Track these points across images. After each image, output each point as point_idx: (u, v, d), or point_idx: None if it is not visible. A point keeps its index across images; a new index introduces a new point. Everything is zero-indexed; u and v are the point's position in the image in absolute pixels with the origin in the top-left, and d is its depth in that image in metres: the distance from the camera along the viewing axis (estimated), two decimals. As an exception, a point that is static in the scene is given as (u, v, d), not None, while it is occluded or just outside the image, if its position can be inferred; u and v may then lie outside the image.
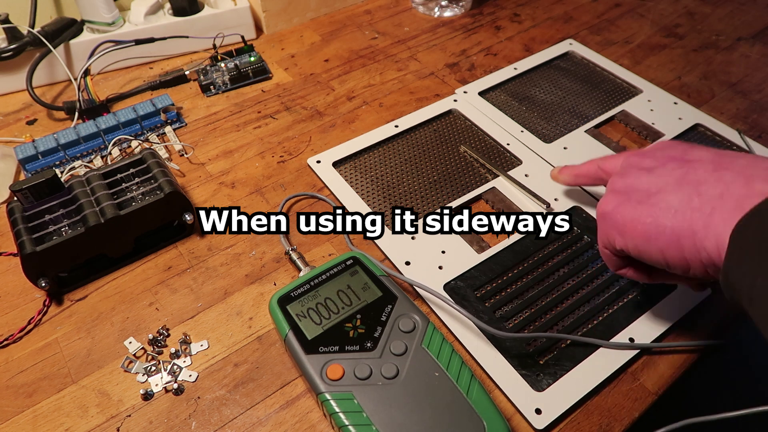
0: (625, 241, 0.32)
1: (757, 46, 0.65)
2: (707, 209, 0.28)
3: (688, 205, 0.29)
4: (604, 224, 0.34)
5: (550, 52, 0.65)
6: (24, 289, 0.44)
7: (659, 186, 0.31)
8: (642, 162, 0.34)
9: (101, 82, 0.63)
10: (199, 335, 0.40)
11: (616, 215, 0.33)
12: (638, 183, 0.33)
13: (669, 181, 0.31)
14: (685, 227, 0.29)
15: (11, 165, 0.53)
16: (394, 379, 0.33)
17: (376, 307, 0.37)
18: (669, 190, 0.30)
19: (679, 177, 0.31)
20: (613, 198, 0.34)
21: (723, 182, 0.28)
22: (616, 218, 0.33)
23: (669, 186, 0.31)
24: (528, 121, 0.56)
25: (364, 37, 0.69)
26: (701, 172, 0.30)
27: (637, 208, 0.31)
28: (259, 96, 0.61)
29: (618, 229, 0.33)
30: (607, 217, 0.34)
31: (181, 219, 0.45)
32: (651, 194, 0.31)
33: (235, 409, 0.36)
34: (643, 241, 0.31)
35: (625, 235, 0.32)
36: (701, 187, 0.29)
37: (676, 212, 0.29)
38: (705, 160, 0.31)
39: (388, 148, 0.54)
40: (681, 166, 0.31)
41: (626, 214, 0.32)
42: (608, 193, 0.35)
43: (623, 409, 0.36)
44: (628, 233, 0.32)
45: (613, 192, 0.34)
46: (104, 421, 0.36)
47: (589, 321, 0.40)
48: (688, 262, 0.29)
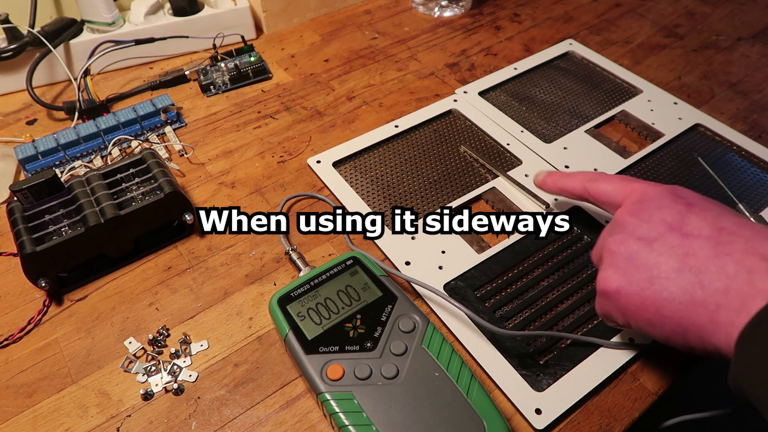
0: (628, 322, 0.32)
1: (757, 46, 0.65)
2: (711, 305, 0.28)
3: (691, 297, 0.29)
4: (606, 302, 0.33)
5: (550, 52, 0.65)
6: (24, 289, 0.44)
7: (659, 268, 0.30)
8: (638, 229, 0.32)
9: (101, 82, 0.63)
10: (199, 335, 0.40)
11: (620, 298, 0.32)
12: (638, 258, 0.32)
13: (669, 264, 0.30)
14: (690, 321, 0.29)
15: (11, 165, 0.53)
16: (394, 379, 0.33)
17: (376, 307, 0.37)
18: (670, 276, 0.30)
19: (679, 260, 0.30)
20: (614, 276, 0.32)
21: (725, 275, 0.28)
22: (619, 301, 0.32)
23: (670, 270, 0.30)
24: (528, 121, 0.56)
25: (364, 37, 0.69)
26: (701, 255, 0.29)
27: (640, 294, 0.31)
28: (259, 96, 0.61)
29: (620, 311, 0.32)
30: (609, 297, 0.33)
31: (181, 219, 0.45)
32: (652, 278, 0.30)
33: (235, 409, 0.36)
34: (646, 326, 0.31)
35: (627, 317, 0.32)
36: (703, 277, 0.29)
37: (680, 304, 0.29)
38: (703, 237, 0.30)
39: (388, 148, 0.54)
40: (680, 243, 0.30)
41: (629, 299, 0.31)
42: (608, 266, 0.33)
43: (623, 409, 0.36)
44: (631, 316, 0.32)
45: (613, 267, 0.33)
46: (104, 421, 0.36)
47: (590, 321, 0.40)
48: (692, 349, 0.30)
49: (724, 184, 0.48)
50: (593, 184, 0.38)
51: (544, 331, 0.39)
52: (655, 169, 0.51)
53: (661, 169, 0.51)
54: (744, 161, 0.51)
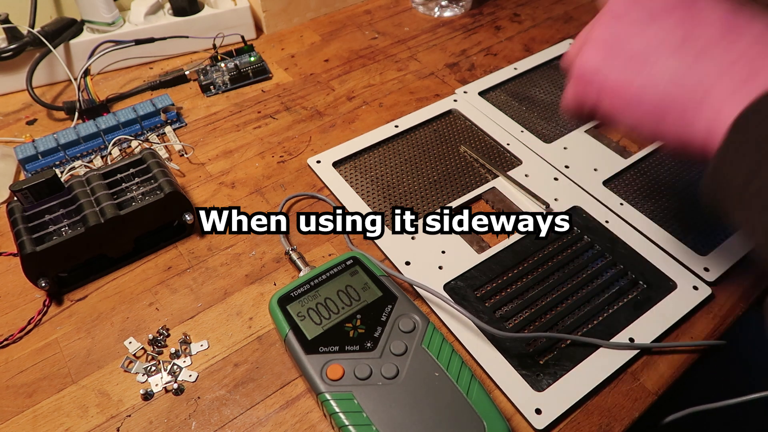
0: (601, 104, 0.29)
1: (757, 46, 0.65)
2: (705, 86, 0.25)
3: (683, 78, 0.26)
4: (581, 83, 0.29)
5: (550, 52, 0.65)
6: (24, 289, 0.44)
7: (657, 45, 0.27)
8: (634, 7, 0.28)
9: (101, 82, 0.63)
10: (199, 335, 0.40)
11: (599, 75, 0.28)
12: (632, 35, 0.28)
13: (670, 40, 0.27)
14: (672, 103, 0.26)
15: (11, 165, 0.53)
16: (394, 379, 0.33)
17: (376, 307, 0.37)
18: (668, 51, 0.26)
19: (681, 37, 0.26)
20: (597, 52, 0.29)
21: (728, 56, 0.25)
22: (597, 78, 0.28)
23: (669, 46, 0.27)
24: (528, 121, 0.56)
25: (364, 37, 0.69)
26: (708, 32, 0.26)
27: (624, 71, 0.27)
28: (259, 96, 0.61)
29: (596, 89, 0.29)
30: (585, 75, 0.29)
31: (181, 219, 0.45)
32: (646, 54, 0.27)
33: (235, 409, 0.36)
34: (621, 108, 0.28)
35: (602, 97, 0.29)
36: (705, 54, 0.25)
37: (669, 81, 0.26)
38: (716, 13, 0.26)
39: (388, 148, 0.54)
40: (686, 20, 0.27)
41: (612, 74, 0.28)
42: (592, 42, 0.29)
43: (623, 409, 0.36)
44: (606, 97, 0.28)
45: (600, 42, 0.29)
46: (104, 421, 0.36)
47: (589, 321, 0.40)
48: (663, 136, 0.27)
49: None
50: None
51: (543, 332, 0.39)
52: (655, 169, 0.51)
53: (661, 170, 0.51)
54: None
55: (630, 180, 0.50)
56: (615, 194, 0.48)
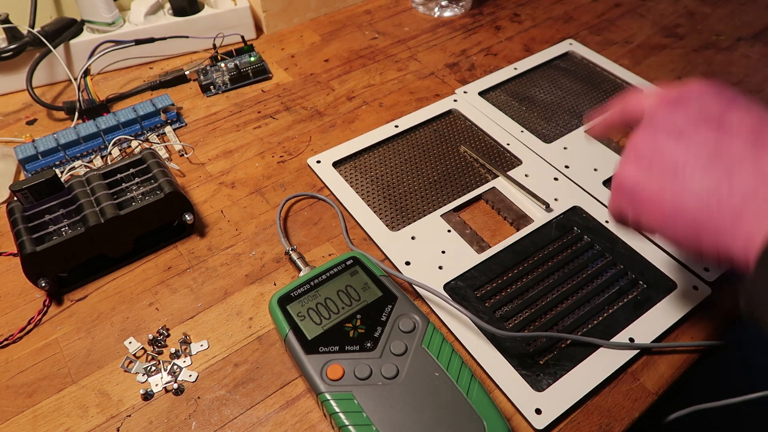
0: (640, 217, 0.30)
1: (757, 46, 0.65)
2: (737, 206, 0.25)
3: (716, 196, 0.26)
4: (620, 194, 0.31)
5: (550, 52, 0.65)
6: (24, 289, 0.44)
7: (687, 162, 0.28)
8: (672, 119, 0.29)
9: (101, 82, 0.63)
10: (199, 335, 0.40)
11: (636, 189, 0.29)
12: (664, 151, 0.29)
13: (699, 156, 0.27)
14: (708, 222, 0.26)
15: (11, 165, 0.53)
16: (394, 379, 0.33)
17: (376, 307, 0.37)
18: (698, 167, 0.27)
19: (711, 152, 0.27)
20: (633, 166, 0.30)
21: (759, 177, 0.25)
22: (635, 193, 0.29)
23: (699, 162, 0.27)
24: (528, 121, 0.56)
25: (364, 37, 0.69)
26: (737, 153, 0.26)
27: (659, 185, 0.28)
28: (259, 96, 0.61)
29: (634, 204, 0.30)
30: (625, 189, 0.30)
31: (181, 219, 0.45)
32: (677, 169, 0.28)
33: (235, 409, 0.36)
34: (659, 223, 0.29)
35: (641, 211, 0.30)
36: (734, 176, 0.26)
37: (700, 201, 0.27)
38: (744, 128, 0.27)
39: (388, 148, 0.54)
40: (715, 135, 0.27)
41: (647, 190, 0.29)
42: (629, 157, 0.30)
43: (623, 409, 0.36)
44: (645, 211, 0.29)
45: (636, 157, 0.30)
46: (104, 421, 0.36)
47: (589, 321, 0.40)
48: (702, 252, 0.27)
49: None
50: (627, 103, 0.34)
51: (543, 332, 0.39)
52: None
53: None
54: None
55: (630, 180, 0.50)
56: (615, 194, 0.48)
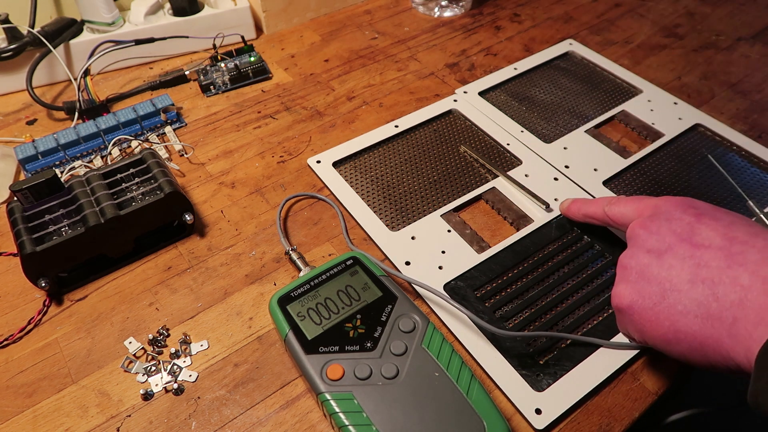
0: (645, 339, 0.32)
1: (757, 46, 0.65)
2: (728, 318, 0.27)
3: (706, 311, 0.28)
4: (622, 318, 0.33)
5: (550, 52, 0.65)
6: (24, 289, 0.44)
7: (671, 281, 0.30)
8: (648, 241, 0.32)
9: (101, 82, 0.63)
10: (199, 335, 0.40)
11: (633, 315, 0.32)
12: (649, 271, 0.31)
13: (681, 277, 0.30)
14: (707, 335, 0.28)
15: (11, 165, 0.53)
16: (394, 379, 0.33)
17: (376, 307, 0.37)
18: (683, 289, 0.29)
19: (691, 272, 0.30)
20: (625, 290, 0.32)
21: (739, 286, 0.28)
22: (633, 318, 0.32)
23: (682, 283, 0.30)
24: (528, 121, 0.56)
25: (364, 37, 0.69)
26: (714, 266, 0.29)
27: (653, 309, 0.30)
28: (259, 96, 0.61)
29: (636, 328, 0.32)
30: (624, 313, 0.33)
31: (181, 219, 0.45)
32: (664, 292, 0.30)
33: (235, 409, 0.36)
34: (663, 344, 0.30)
35: (644, 334, 0.32)
36: (717, 289, 0.28)
37: (695, 318, 0.29)
38: (715, 247, 0.30)
39: (388, 148, 0.54)
40: (691, 255, 0.30)
41: (642, 315, 0.31)
42: (620, 281, 0.33)
43: (623, 409, 0.36)
44: (647, 333, 0.31)
45: (625, 281, 0.33)
46: (104, 421, 0.36)
47: (589, 321, 0.40)
48: (712, 365, 0.29)
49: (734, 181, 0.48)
50: (611, 208, 0.39)
51: (543, 332, 0.39)
52: (655, 170, 0.51)
53: (661, 170, 0.51)
54: (744, 161, 0.51)
55: (630, 180, 0.50)
56: (615, 194, 0.48)
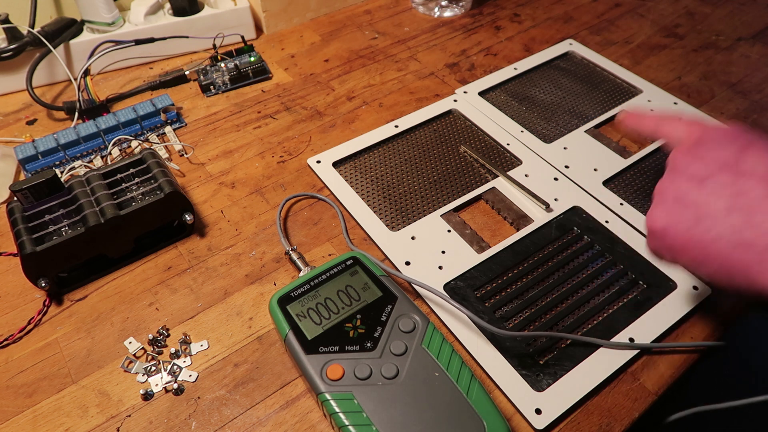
0: (675, 260, 0.32)
1: (757, 46, 0.65)
2: (761, 245, 0.27)
3: (739, 237, 0.28)
4: (654, 240, 0.33)
5: (550, 52, 0.65)
6: (24, 289, 0.44)
7: (708, 207, 0.30)
8: (690, 167, 0.32)
9: (101, 82, 0.63)
10: (199, 335, 0.40)
11: (666, 237, 0.32)
12: (687, 197, 0.31)
13: (718, 204, 0.30)
14: (736, 261, 0.28)
15: (11, 165, 0.53)
16: (394, 379, 0.33)
17: (376, 307, 0.37)
18: (718, 216, 0.29)
19: (729, 200, 0.29)
20: (661, 213, 0.32)
21: None
22: (665, 239, 0.32)
23: (718, 210, 0.29)
24: (528, 121, 0.56)
25: (364, 37, 0.69)
26: (754, 194, 0.29)
27: (686, 233, 0.30)
28: (259, 96, 0.61)
29: (667, 248, 0.32)
30: (656, 236, 0.33)
31: (181, 219, 0.45)
32: (700, 217, 0.30)
33: (235, 409, 0.36)
34: (693, 265, 0.31)
35: (675, 255, 0.32)
36: (754, 216, 0.28)
37: (726, 243, 0.29)
38: (757, 176, 0.29)
39: (388, 148, 0.54)
40: (733, 182, 0.30)
41: (675, 233, 0.31)
42: (657, 201, 0.33)
43: (623, 409, 0.36)
44: (678, 254, 0.31)
45: (662, 203, 0.32)
46: (104, 421, 0.36)
47: (589, 321, 0.40)
48: (739, 290, 0.29)
49: None
50: (664, 124, 0.37)
51: (543, 332, 0.39)
52: (655, 169, 0.51)
53: (661, 170, 0.51)
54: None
55: (630, 180, 0.50)
56: (615, 194, 0.48)
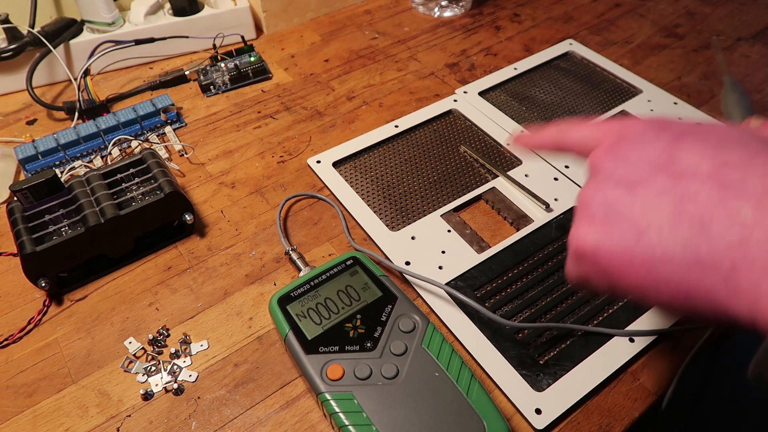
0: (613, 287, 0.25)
1: (757, 46, 0.65)
2: (725, 263, 0.21)
3: (695, 254, 0.22)
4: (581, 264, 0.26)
5: (550, 52, 0.65)
6: (24, 289, 0.44)
7: (648, 218, 0.23)
8: (616, 171, 0.25)
9: (101, 82, 0.63)
10: (199, 335, 0.40)
11: (599, 258, 0.25)
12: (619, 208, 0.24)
13: (661, 214, 0.23)
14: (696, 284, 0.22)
15: (11, 165, 0.53)
16: (394, 379, 0.33)
17: (376, 307, 0.37)
18: (663, 228, 0.23)
19: (672, 208, 0.23)
20: (589, 231, 0.25)
21: (739, 223, 0.21)
22: (599, 262, 0.25)
23: (662, 221, 0.23)
24: (528, 121, 0.56)
25: (364, 37, 0.69)
26: (703, 199, 0.22)
27: (625, 253, 0.24)
28: (259, 96, 0.61)
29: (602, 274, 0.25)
30: (584, 254, 0.25)
31: (181, 219, 0.45)
32: (640, 232, 0.23)
33: (235, 409, 0.36)
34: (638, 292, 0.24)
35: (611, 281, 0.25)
36: (710, 227, 0.22)
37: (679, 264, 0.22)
38: (702, 175, 0.23)
39: (388, 148, 0.54)
40: (671, 187, 0.23)
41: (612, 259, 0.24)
42: (581, 216, 0.26)
43: (623, 409, 0.36)
44: (616, 280, 0.25)
45: (588, 220, 0.25)
46: (104, 421, 0.36)
47: (589, 321, 0.40)
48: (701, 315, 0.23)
49: None
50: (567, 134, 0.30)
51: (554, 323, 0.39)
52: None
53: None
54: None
55: (630, 180, 0.50)
56: (615, 194, 0.48)
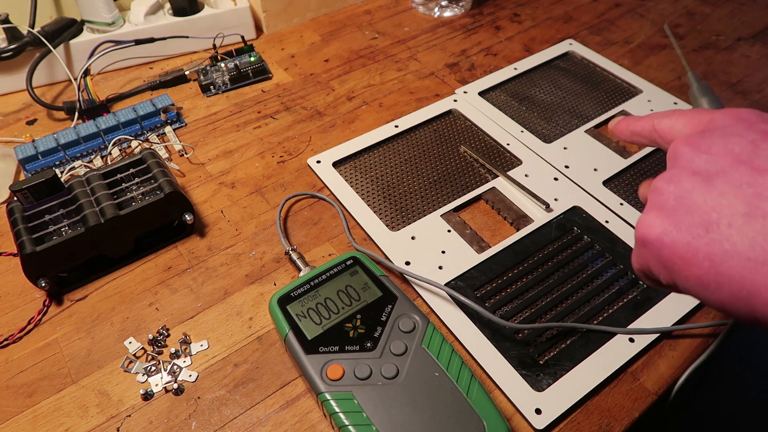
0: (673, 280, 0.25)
1: (757, 46, 0.65)
2: None
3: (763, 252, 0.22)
4: (645, 252, 0.26)
5: (550, 52, 0.65)
6: (24, 289, 0.44)
7: (720, 212, 0.23)
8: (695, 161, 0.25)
9: (101, 82, 0.63)
10: (199, 335, 0.40)
11: (663, 248, 0.25)
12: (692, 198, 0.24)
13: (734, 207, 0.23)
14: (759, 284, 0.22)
15: (11, 165, 0.53)
16: (394, 379, 0.33)
17: (376, 307, 0.37)
18: (735, 223, 0.23)
19: (748, 203, 0.22)
20: (657, 219, 0.25)
21: None
22: (662, 251, 0.25)
23: (734, 215, 0.23)
24: (528, 121, 0.56)
25: (364, 37, 0.69)
26: None
27: (691, 244, 0.24)
28: (259, 96, 0.61)
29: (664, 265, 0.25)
30: (648, 242, 0.25)
31: (181, 219, 0.45)
32: (709, 224, 0.23)
33: (235, 409, 0.36)
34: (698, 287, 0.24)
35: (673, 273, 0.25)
36: None
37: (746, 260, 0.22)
38: None
39: (388, 148, 0.54)
40: (750, 181, 0.23)
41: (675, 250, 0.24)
42: (652, 204, 0.26)
43: (623, 409, 0.36)
44: (677, 273, 0.24)
45: (659, 204, 0.25)
46: (104, 421, 0.36)
47: (589, 321, 0.40)
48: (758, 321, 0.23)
49: None
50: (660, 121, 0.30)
51: (554, 323, 0.39)
52: (655, 169, 0.51)
53: (660, 169, 0.51)
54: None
55: (630, 180, 0.50)
56: (615, 194, 0.48)
